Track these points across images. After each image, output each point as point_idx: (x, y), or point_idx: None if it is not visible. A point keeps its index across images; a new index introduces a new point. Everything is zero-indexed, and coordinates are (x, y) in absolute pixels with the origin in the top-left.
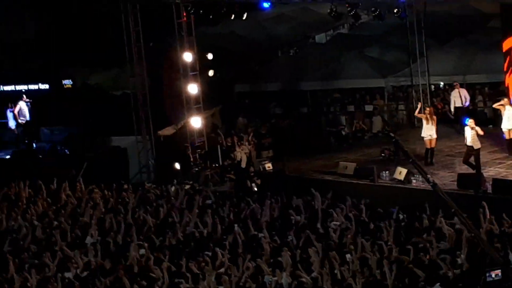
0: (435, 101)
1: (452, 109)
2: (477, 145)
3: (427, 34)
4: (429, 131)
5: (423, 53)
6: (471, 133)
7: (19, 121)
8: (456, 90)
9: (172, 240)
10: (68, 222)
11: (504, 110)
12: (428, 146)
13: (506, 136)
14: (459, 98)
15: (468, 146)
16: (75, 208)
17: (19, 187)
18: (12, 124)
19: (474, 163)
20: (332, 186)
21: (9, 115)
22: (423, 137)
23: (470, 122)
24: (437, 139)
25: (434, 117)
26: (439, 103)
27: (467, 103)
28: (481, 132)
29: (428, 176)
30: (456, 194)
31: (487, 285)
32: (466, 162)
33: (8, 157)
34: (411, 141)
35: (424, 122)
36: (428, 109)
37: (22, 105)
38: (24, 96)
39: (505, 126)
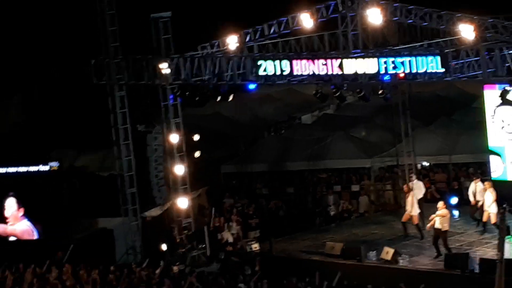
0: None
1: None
2: (445, 227)
3: (412, 114)
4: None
5: (408, 134)
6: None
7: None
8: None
9: None
10: None
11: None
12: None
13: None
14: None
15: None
16: None
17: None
18: None
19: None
20: (319, 266)
21: None
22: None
23: (440, 204)
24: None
25: (412, 192)
26: (426, 183)
27: None
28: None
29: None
30: (442, 274)
31: None
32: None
33: None
34: (397, 221)
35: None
36: (405, 186)
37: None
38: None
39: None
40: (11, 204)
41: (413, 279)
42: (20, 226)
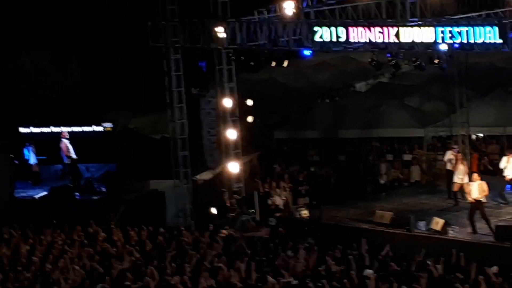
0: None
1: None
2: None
3: (467, 85)
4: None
5: (463, 104)
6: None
7: (71, 156)
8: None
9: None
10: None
11: None
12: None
13: None
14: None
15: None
16: (110, 253)
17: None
18: (33, 160)
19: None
20: (368, 234)
21: (29, 152)
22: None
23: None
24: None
25: (465, 162)
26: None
27: None
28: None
29: None
30: (492, 246)
31: None
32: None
33: (44, 193)
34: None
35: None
36: (459, 155)
37: (67, 143)
38: (64, 133)
39: None
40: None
41: (463, 250)
42: None
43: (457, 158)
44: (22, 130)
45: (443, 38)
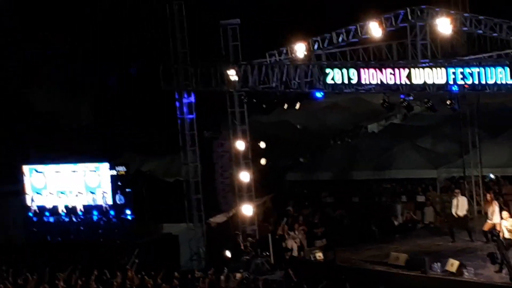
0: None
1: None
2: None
3: (480, 125)
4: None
5: (475, 145)
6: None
7: None
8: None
9: None
10: None
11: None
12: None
13: None
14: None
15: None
16: None
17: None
18: None
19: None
20: (383, 277)
21: None
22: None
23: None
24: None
25: (495, 202)
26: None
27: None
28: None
29: None
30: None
31: None
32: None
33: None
34: (462, 233)
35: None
36: (488, 195)
37: None
38: None
39: None
40: None
41: None
42: None
43: (489, 199)
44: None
45: (454, 80)
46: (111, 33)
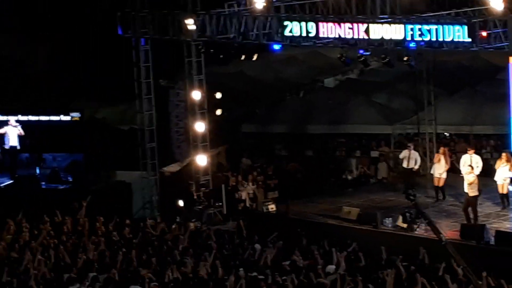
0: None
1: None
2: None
3: (436, 83)
4: (439, 169)
5: (431, 102)
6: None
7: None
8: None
9: (172, 280)
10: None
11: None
12: (436, 184)
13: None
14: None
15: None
16: (77, 243)
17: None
18: None
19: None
20: (334, 230)
21: None
22: (432, 174)
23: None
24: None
25: (448, 157)
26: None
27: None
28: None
29: (441, 235)
30: (457, 244)
31: None
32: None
33: (9, 182)
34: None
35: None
36: (442, 149)
37: (8, 130)
38: (11, 121)
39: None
40: None
41: (429, 248)
42: None
43: (443, 153)
44: None
45: (412, 36)
46: None
